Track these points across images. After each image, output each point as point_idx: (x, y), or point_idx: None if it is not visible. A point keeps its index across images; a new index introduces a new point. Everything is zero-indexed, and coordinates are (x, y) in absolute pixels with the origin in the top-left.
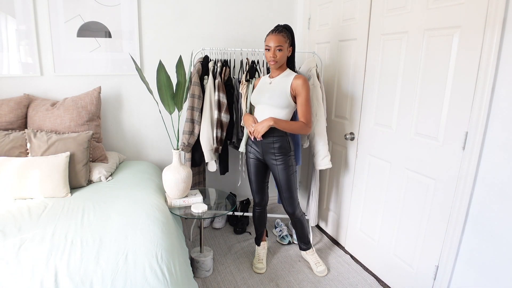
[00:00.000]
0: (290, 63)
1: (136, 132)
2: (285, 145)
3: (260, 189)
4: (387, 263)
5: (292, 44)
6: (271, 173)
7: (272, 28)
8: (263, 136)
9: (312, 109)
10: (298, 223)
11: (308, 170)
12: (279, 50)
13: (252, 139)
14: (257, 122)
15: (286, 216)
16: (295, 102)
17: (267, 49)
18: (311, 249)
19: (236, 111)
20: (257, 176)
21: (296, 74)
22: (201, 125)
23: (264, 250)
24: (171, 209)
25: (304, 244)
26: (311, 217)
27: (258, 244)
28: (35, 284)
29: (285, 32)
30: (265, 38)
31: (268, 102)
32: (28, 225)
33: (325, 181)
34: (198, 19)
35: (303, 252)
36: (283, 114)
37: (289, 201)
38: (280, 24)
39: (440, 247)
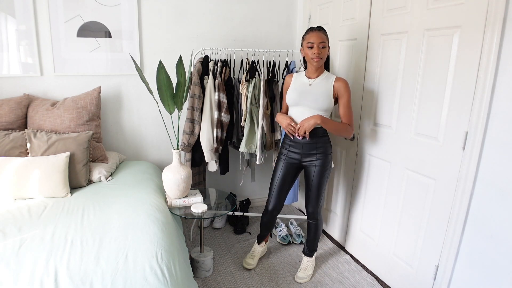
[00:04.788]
0: (325, 65)
1: (136, 132)
2: (327, 145)
3: (284, 193)
4: (387, 263)
5: (329, 44)
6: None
7: (308, 28)
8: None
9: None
10: (312, 227)
11: None
12: (323, 46)
13: (297, 136)
14: (295, 122)
15: (286, 216)
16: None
17: (310, 46)
18: (311, 257)
19: (236, 111)
20: (286, 179)
21: (335, 76)
22: (201, 125)
23: (261, 249)
24: (171, 209)
25: (308, 250)
26: None
27: (259, 243)
28: (35, 284)
29: (324, 31)
30: (304, 37)
31: (311, 105)
32: (28, 225)
33: None
34: (198, 19)
35: (302, 256)
36: (325, 116)
37: (315, 201)
38: (313, 26)
39: (440, 247)
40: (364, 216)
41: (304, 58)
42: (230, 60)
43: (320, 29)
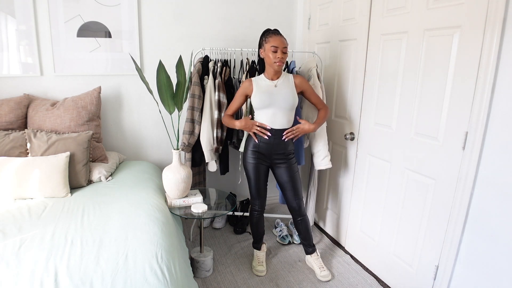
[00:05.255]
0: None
1: (136, 132)
2: (292, 144)
3: (263, 192)
4: (387, 263)
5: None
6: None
7: (269, 29)
8: (277, 139)
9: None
10: (302, 223)
11: (307, 170)
12: (284, 52)
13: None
14: (258, 124)
15: (286, 216)
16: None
17: (274, 51)
18: (315, 253)
19: None
20: (260, 180)
21: (290, 74)
22: (201, 125)
23: (264, 253)
24: (171, 209)
25: (309, 246)
26: (309, 216)
27: (258, 249)
28: (35, 284)
29: (283, 36)
30: (267, 39)
31: (282, 105)
32: (28, 225)
33: (325, 181)
34: (198, 19)
35: (307, 256)
36: (292, 115)
37: (296, 197)
38: (270, 29)
39: (440, 247)
40: (364, 216)
41: (261, 59)
42: (230, 60)
43: (280, 33)
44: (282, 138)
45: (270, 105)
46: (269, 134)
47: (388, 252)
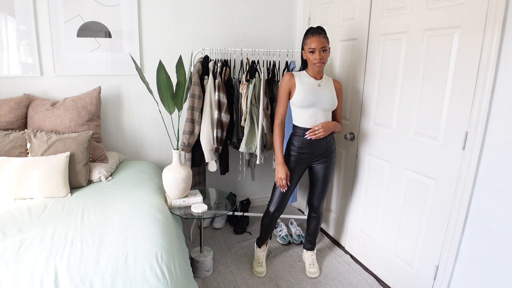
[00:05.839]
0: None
1: (136, 132)
2: (333, 141)
3: (289, 194)
4: (387, 263)
5: (329, 46)
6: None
7: (310, 29)
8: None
9: None
10: (314, 220)
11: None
12: (324, 50)
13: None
14: (286, 179)
15: (286, 216)
16: None
17: (311, 51)
18: (313, 251)
19: (236, 111)
20: (293, 180)
21: (331, 78)
22: (201, 125)
23: (264, 253)
24: (171, 209)
25: (311, 243)
26: None
27: (260, 246)
28: (35, 284)
29: (324, 33)
30: (305, 41)
31: (324, 106)
32: (28, 225)
33: None
34: (198, 19)
35: (304, 251)
36: (330, 116)
37: (321, 196)
38: (313, 26)
39: (440, 247)
40: (364, 216)
41: (304, 60)
42: (230, 60)
43: (320, 32)
44: (305, 137)
45: (314, 105)
46: (285, 190)
47: (388, 252)
